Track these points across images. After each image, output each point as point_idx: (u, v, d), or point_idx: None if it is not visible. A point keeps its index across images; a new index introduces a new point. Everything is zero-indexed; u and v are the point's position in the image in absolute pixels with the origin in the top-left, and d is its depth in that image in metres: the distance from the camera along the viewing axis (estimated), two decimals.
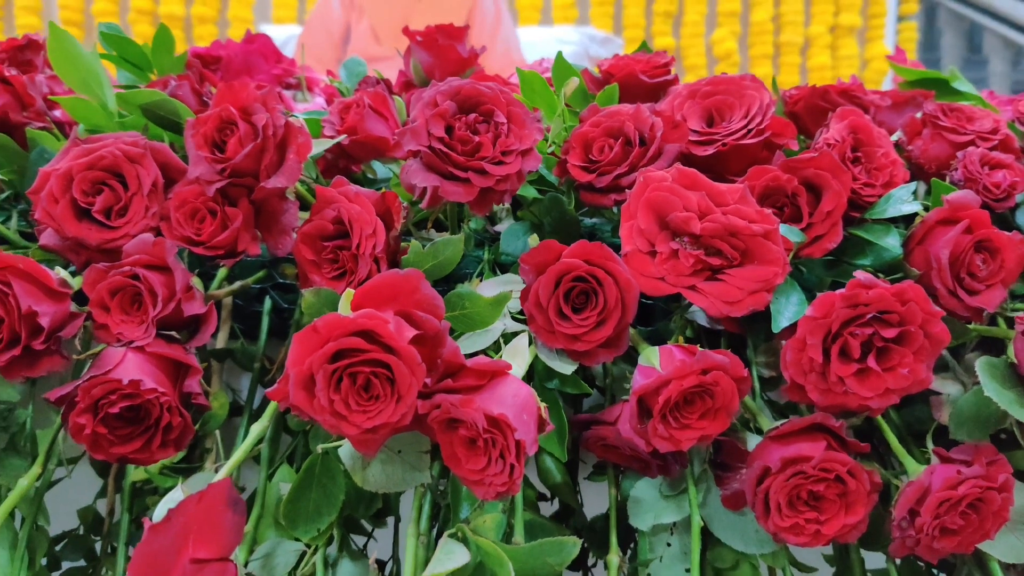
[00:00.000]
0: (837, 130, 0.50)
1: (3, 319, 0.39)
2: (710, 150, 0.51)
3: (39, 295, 0.40)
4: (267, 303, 0.56)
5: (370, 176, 0.57)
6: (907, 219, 0.50)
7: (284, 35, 2.36)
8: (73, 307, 0.42)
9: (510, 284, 0.49)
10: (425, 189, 0.44)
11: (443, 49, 0.61)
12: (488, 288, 0.49)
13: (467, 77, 0.64)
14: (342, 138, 0.49)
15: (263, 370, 0.54)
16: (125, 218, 0.44)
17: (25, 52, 0.59)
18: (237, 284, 0.51)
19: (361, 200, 0.45)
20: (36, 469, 0.43)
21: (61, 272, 0.42)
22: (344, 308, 0.39)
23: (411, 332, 0.38)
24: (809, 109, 0.59)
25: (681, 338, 0.48)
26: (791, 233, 0.46)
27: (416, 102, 0.45)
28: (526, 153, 0.45)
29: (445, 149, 0.44)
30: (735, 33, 2.87)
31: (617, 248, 0.45)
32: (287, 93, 0.67)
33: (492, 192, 0.45)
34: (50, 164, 0.45)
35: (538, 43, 2.31)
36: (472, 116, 0.46)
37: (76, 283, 0.44)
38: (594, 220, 0.58)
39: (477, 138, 0.45)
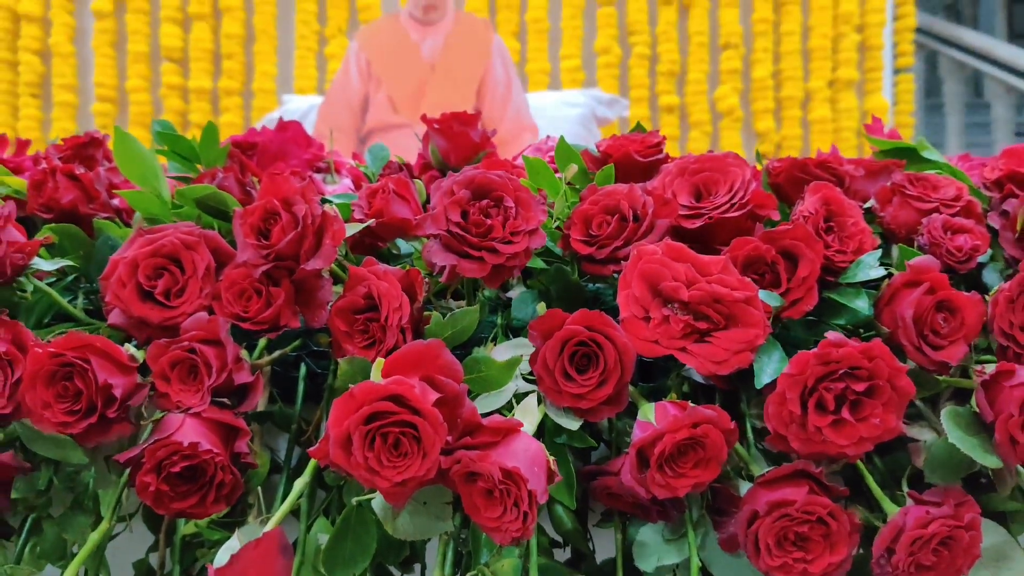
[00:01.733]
0: (811, 202, 0.56)
1: (82, 391, 0.45)
2: (698, 223, 0.57)
3: (112, 369, 0.46)
4: (302, 369, 0.62)
5: (394, 252, 0.64)
6: (879, 281, 0.55)
7: (306, 105, 2.47)
8: (139, 378, 0.48)
9: (521, 348, 0.55)
10: (444, 267, 0.51)
11: (458, 135, 0.68)
12: (502, 351, 0.55)
13: (479, 160, 0.71)
14: (370, 222, 0.56)
15: (299, 431, 0.59)
16: (182, 298, 0.51)
17: (88, 148, 0.67)
18: (277, 353, 0.57)
19: (389, 278, 0.51)
20: (105, 525, 0.48)
21: (130, 348, 0.48)
22: (375, 375, 0.45)
23: (434, 396, 0.43)
24: (790, 180, 0.65)
25: (676, 395, 0.54)
26: (770, 298, 0.51)
27: (436, 190, 0.52)
28: (532, 233, 0.51)
29: (461, 232, 0.50)
30: (737, 89, 2.96)
31: (618, 311, 0.51)
32: (317, 176, 0.73)
33: (503, 268, 0.51)
34: (118, 252, 0.52)
35: (547, 106, 2.40)
36: (484, 202, 0.52)
37: (140, 356, 0.50)
38: (597, 285, 0.64)
39: (489, 221, 0.51)
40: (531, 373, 0.51)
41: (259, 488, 0.58)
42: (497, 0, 2.97)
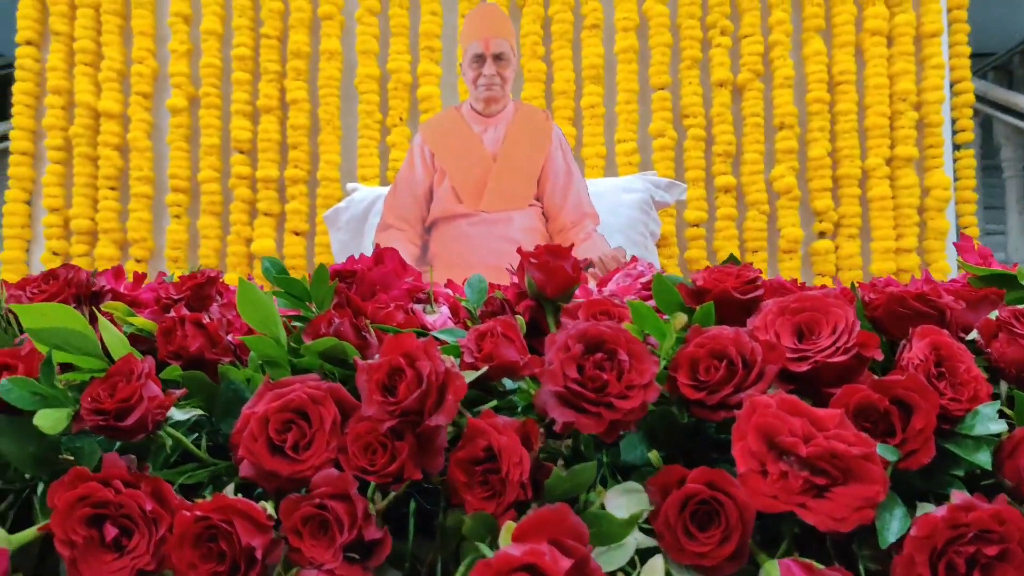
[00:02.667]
0: (920, 348, 0.56)
1: (226, 552, 0.47)
2: (804, 367, 0.58)
3: (252, 530, 0.48)
4: (412, 505, 0.63)
5: (499, 388, 0.65)
6: None
7: (372, 195, 2.55)
8: (274, 534, 0.50)
9: (632, 492, 0.56)
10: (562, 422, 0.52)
11: (555, 270, 0.70)
12: (614, 496, 0.56)
13: (573, 292, 0.73)
14: (484, 370, 0.58)
15: (413, 570, 0.60)
16: (310, 451, 0.53)
17: (204, 288, 0.71)
18: (392, 495, 0.59)
19: (508, 432, 0.52)
20: None
21: (268, 508, 0.50)
22: (505, 540, 0.46)
23: (566, 563, 0.44)
24: (889, 314, 0.66)
25: (788, 538, 0.53)
26: (887, 452, 0.51)
27: (551, 345, 0.54)
28: (647, 387, 0.53)
29: (579, 388, 0.52)
30: (793, 169, 2.97)
31: (720, 444, 0.52)
32: (417, 306, 0.76)
33: (620, 423, 0.52)
34: (248, 406, 0.55)
35: (606, 192, 2.44)
36: (598, 355, 0.54)
37: (271, 508, 0.52)
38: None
39: (604, 376, 0.52)
40: (647, 521, 0.52)
41: None
42: (553, 87, 3.05)
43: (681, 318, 0.60)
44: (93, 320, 0.65)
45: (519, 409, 0.67)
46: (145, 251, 3.10)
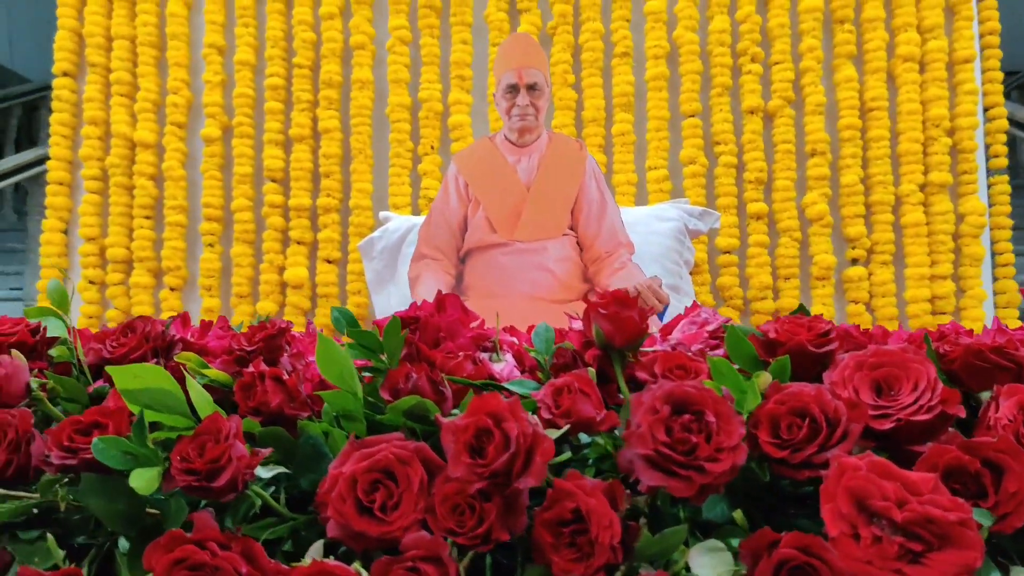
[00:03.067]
0: (1007, 408, 0.56)
1: None
2: (887, 425, 0.58)
3: None
4: (488, 559, 0.63)
5: (574, 442, 0.65)
6: None
7: (406, 225, 2.57)
8: None
9: (716, 551, 0.55)
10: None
11: (623, 320, 0.70)
12: (697, 556, 0.56)
13: (642, 342, 0.73)
14: (566, 428, 0.58)
15: None
16: (398, 512, 0.53)
17: (276, 339, 0.71)
18: (472, 554, 0.59)
19: (596, 494, 0.52)
20: None
21: (361, 571, 0.50)
22: None
23: None
24: (966, 368, 0.65)
25: None
26: (982, 517, 0.51)
27: (637, 406, 0.54)
28: (735, 449, 0.53)
29: (668, 451, 0.52)
30: (826, 195, 2.96)
31: (798, 498, 0.51)
32: (483, 355, 0.77)
33: (709, 487, 0.52)
34: (334, 465, 0.55)
35: (639, 221, 2.45)
36: (686, 417, 0.54)
37: (363, 571, 0.52)
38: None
39: (693, 439, 0.52)
40: None
41: None
42: (583, 114, 3.07)
43: (766, 378, 0.60)
44: (175, 374, 0.66)
45: (590, 462, 0.67)
46: (179, 279, 3.14)
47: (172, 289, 3.13)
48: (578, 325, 0.85)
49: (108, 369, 0.54)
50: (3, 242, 5.21)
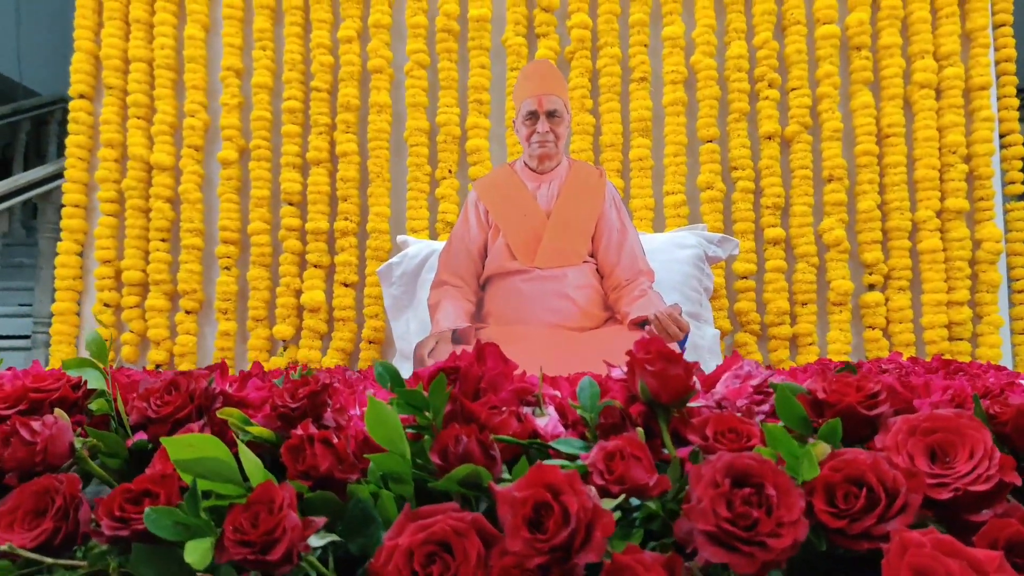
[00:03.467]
0: None
1: None
2: (945, 495, 0.57)
3: None
4: None
5: (624, 506, 0.65)
6: None
7: (425, 250, 2.58)
8: None
9: None
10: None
11: (669, 377, 0.70)
12: None
13: (688, 399, 0.72)
14: (621, 498, 0.57)
15: None
16: None
17: (320, 395, 0.71)
18: None
19: (656, 568, 0.51)
20: None
21: None
22: None
23: None
24: (1018, 430, 0.65)
25: None
26: None
27: (697, 480, 0.53)
28: (797, 523, 0.52)
29: (730, 528, 0.51)
30: (843, 221, 2.96)
31: (853, 564, 0.50)
32: (526, 409, 0.76)
33: (771, 563, 0.51)
34: (389, 536, 0.54)
35: (659, 248, 2.44)
36: (746, 490, 0.53)
37: None
38: None
39: (754, 512, 0.52)
40: None
41: None
42: (601, 139, 3.07)
43: (823, 448, 0.59)
44: (220, 433, 0.66)
45: (637, 523, 0.66)
46: (195, 302, 3.14)
47: (188, 312, 3.14)
48: (618, 374, 0.85)
49: (163, 441, 0.54)
50: (12, 257, 5.23)
